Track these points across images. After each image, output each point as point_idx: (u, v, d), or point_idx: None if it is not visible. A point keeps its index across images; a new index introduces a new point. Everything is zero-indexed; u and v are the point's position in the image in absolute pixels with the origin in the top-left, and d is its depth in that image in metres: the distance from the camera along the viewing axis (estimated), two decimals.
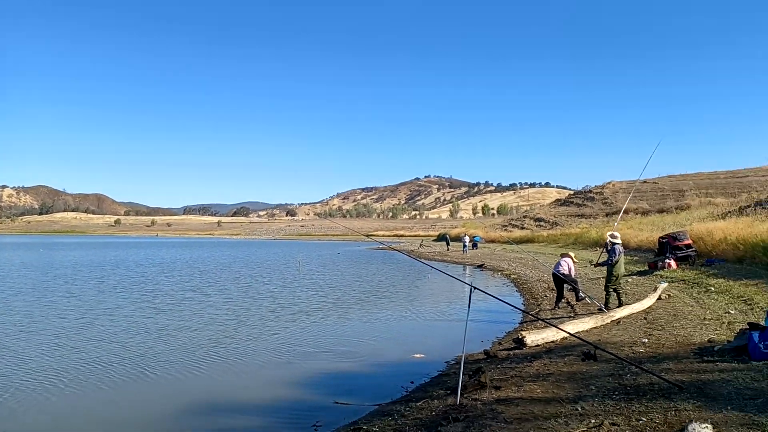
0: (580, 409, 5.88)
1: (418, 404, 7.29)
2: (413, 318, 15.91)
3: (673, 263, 20.45)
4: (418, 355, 10.83)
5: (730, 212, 29.70)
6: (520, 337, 10.55)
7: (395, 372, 9.66)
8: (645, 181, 67.21)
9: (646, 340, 9.41)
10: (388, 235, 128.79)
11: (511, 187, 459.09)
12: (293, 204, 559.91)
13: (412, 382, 8.90)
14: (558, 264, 15.40)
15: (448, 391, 7.64)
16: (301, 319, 15.48)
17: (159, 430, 7.25)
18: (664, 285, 15.36)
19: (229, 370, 10.04)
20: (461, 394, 7.25)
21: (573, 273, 15.32)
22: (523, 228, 68.26)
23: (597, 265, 14.81)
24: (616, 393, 6.36)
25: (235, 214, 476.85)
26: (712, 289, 14.51)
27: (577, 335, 8.99)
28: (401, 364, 10.21)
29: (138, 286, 24.52)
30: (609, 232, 13.90)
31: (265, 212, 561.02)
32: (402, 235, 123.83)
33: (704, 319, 10.79)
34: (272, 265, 41.85)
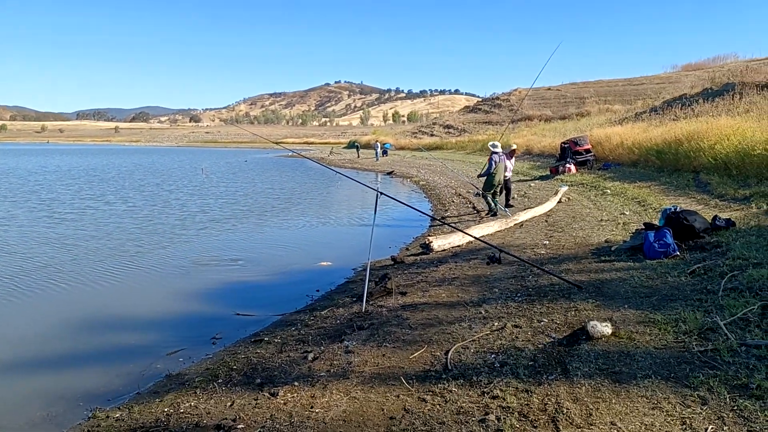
0: (483, 312, 5.86)
1: (322, 313, 7.08)
2: (322, 226, 15.64)
3: (573, 168, 21.17)
4: (325, 263, 10.60)
5: (626, 118, 30.96)
6: (427, 242, 10.53)
7: (301, 280, 9.39)
8: (549, 89, 68.81)
9: (548, 242, 9.62)
10: (298, 143, 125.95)
11: (422, 94, 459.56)
12: (197, 109, 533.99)
13: (318, 290, 8.67)
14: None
15: (354, 299, 7.47)
16: (207, 228, 14.79)
17: (53, 343, 6.64)
18: (564, 189, 15.84)
19: (130, 282, 9.42)
20: (366, 301, 7.10)
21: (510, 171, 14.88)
22: (432, 135, 68.63)
23: (480, 176, 14.52)
24: (519, 295, 6.40)
25: (134, 119, 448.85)
26: (609, 191, 15.12)
27: (482, 239, 9.01)
28: (308, 273, 9.95)
29: (33, 195, 22.60)
30: (490, 143, 14.18)
31: (167, 118, 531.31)
32: (312, 143, 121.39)
33: (601, 220, 11.19)
34: (177, 173, 39.86)
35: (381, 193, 7.00)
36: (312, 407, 4.00)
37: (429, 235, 11.84)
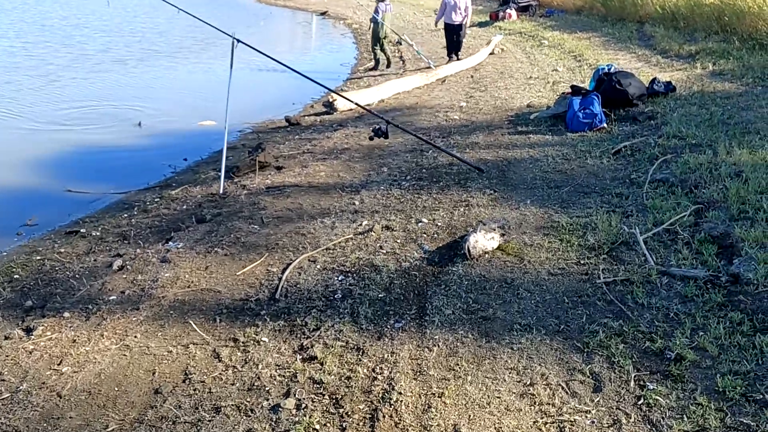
0: (358, 203, 4.64)
1: (173, 192, 5.70)
2: (222, 75, 13.57)
3: (513, 14, 19.24)
4: (207, 122, 8.97)
5: None
6: (330, 100, 9.01)
7: (171, 144, 7.83)
8: None
9: (465, 104, 8.28)
10: None
11: None
12: None
13: (185, 159, 7.20)
14: (449, 6, 11.78)
15: (221, 173, 6.11)
16: (96, 72, 12.58)
17: None
18: (498, 39, 14.19)
19: None
20: (231, 178, 5.79)
21: (468, 18, 12.38)
22: None
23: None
24: (409, 177, 5.18)
25: None
26: (546, 42, 13.59)
27: (368, 108, 7.60)
28: (182, 135, 8.35)
29: None
30: None
31: None
32: None
33: (530, 78, 9.84)
34: (85, 3, 35.24)
35: (238, 41, 5.37)
36: (62, 361, 2.81)
37: (339, 92, 10.26)
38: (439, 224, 4.00)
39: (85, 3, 34.81)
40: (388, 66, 13.00)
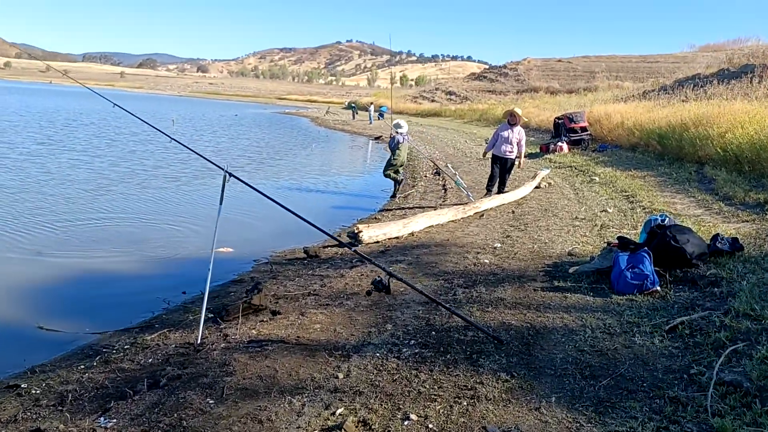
0: (341, 377, 3.76)
1: (148, 338, 4.99)
2: (258, 200, 13.29)
3: (565, 147, 18.86)
4: (224, 249, 8.48)
5: (633, 96, 28.39)
6: (356, 231, 8.38)
7: (176, 274, 7.28)
8: (559, 60, 65.72)
9: (499, 245, 7.47)
10: (301, 100, 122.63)
11: (433, 58, 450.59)
12: (206, 60, 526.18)
13: (184, 293, 6.57)
14: (501, 138, 11.19)
15: (212, 315, 5.40)
16: (129, 187, 12.66)
17: None
18: (545, 172, 13.61)
19: None
20: (213, 326, 5.06)
21: (522, 153, 11.55)
22: (433, 101, 65.73)
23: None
24: (413, 342, 4.29)
25: (140, 66, 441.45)
26: (597, 179, 12.88)
27: (366, 261, 6.89)
28: (193, 263, 7.81)
29: None
30: (394, 122, 13.01)
31: (174, 66, 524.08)
32: (315, 101, 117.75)
33: (576, 218, 9.01)
34: (155, 122, 37.49)
35: (230, 175, 4.84)
36: None
37: (361, 222, 9.72)
38: (431, 427, 3.04)
39: (155, 121, 37.02)
40: (393, 196, 13.06)
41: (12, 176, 13.32)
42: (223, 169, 4.77)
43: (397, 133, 12.66)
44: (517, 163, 11.39)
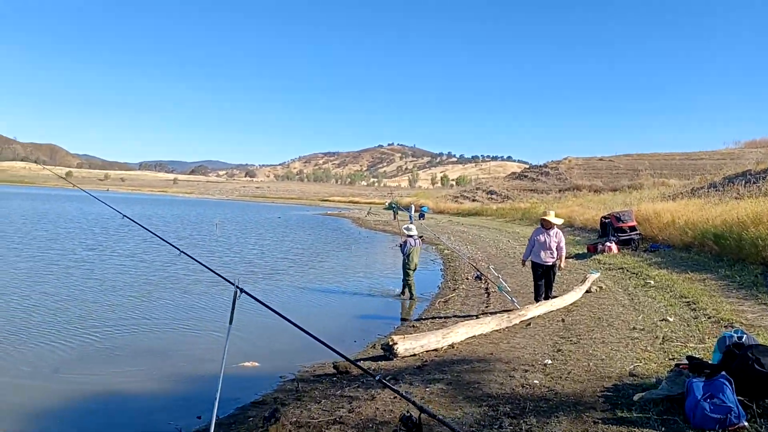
0: None
1: None
2: (287, 306, 12.86)
3: (614, 247, 18.03)
4: (249, 364, 7.95)
5: (681, 193, 27.58)
6: (390, 343, 7.77)
7: (197, 393, 6.74)
8: (601, 159, 65.62)
9: (550, 362, 6.72)
10: (343, 201, 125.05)
11: (474, 159, 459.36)
12: (254, 165, 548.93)
13: (199, 417, 5.99)
14: (537, 243, 10.56)
15: None
16: (153, 293, 12.43)
17: None
18: (595, 275, 12.83)
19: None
20: None
21: (562, 258, 10.72)
22: (474, 200, 65.88)
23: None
24: None
25: (192, 172, 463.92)
26: (652, 282, 12.01)
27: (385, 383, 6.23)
28: (216, 379, 7.27)
29: (35, 243, 20.96)
30: (404, 225, 13.59)
31: (224, 172, 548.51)
32: (357, 202, 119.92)
33: (634, 328, 8.19)
34: (198, 225, 38.39)
35: (241, 290, 4.38)
36: None
37: (397, 332, 9.09)
38: None
39: (200, 227, 37.91)
40: (411, 298, 12.98)
41: (57, 282, 13.37)
42: (233, 284, 4.32)
43: (408, 236, 12.89)
44: (558, 264, 10.68)
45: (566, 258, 11.06)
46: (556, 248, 10.46)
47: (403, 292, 13.30)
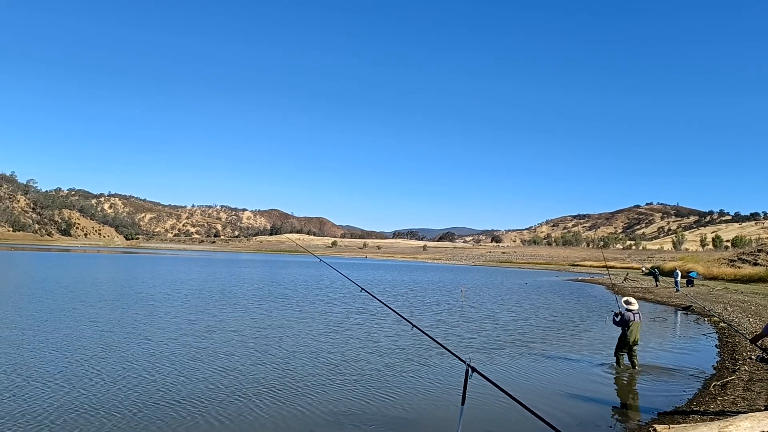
0: None
1: None
2: (531, 382, 11.88)
3: None
4: None
5: None
6: None
7: None
8: None
9: None
10: (596, 266, 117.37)
11: (753, 216, 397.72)
12: (500, 230, 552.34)
13: None
14: None
15: None
16: (377, 367, 12.58)
17: None
18: None
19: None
20: None
21: None
22: (756, 264, 56.64)
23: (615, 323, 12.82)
24: None
25: (441, 239, 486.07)
26: None
27: None
28: None
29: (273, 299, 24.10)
30: (623, 298, 12.98)
31: (471, 237, 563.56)
32: (612, 267, 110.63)
33: None
34: (442, 291, 39.63)
35: (473, 370, 4.15)
36: None
37: (662, 417, 7.93)
38: None
39: (448, 292, 38.95)
40: (633, 367, 12.51)
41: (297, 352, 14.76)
42: (464, 362, 4.16)
43: (627, 310, 12.49)
44: None
45: None
46: None
47: (618, 364, 12.81)
